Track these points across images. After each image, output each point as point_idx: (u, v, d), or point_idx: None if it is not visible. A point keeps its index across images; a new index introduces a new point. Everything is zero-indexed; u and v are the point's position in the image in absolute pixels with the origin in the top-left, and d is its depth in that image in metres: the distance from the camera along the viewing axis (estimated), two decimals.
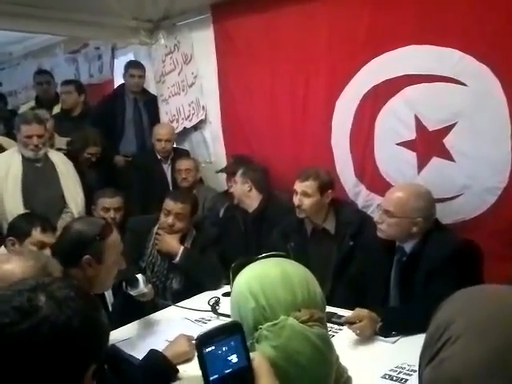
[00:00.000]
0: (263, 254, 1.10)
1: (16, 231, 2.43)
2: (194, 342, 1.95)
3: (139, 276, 2.31)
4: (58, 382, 0.75)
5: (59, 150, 3.75)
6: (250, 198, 3.21)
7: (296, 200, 2.74)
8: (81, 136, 3.79)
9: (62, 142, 3.92)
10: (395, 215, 2.23)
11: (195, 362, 0.79)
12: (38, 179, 3.21)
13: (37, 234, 2.38)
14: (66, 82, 4.57)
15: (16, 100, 5.88)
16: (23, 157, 3.21)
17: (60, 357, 0.74)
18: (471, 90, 2.56)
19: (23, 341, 0.73)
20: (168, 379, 1.76)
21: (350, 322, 2.01)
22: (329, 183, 2.77)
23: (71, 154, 3.68)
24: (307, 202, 2.71)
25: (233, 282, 1.04)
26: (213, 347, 0.77)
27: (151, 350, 1.87)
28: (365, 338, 2.01)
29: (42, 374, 0.73)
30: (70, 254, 1.76)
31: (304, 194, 2.71)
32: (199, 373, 0.78)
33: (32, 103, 4.64)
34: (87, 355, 0.79)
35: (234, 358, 0.78)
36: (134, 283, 2.27)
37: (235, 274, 1.04)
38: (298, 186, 2.74)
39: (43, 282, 0.82)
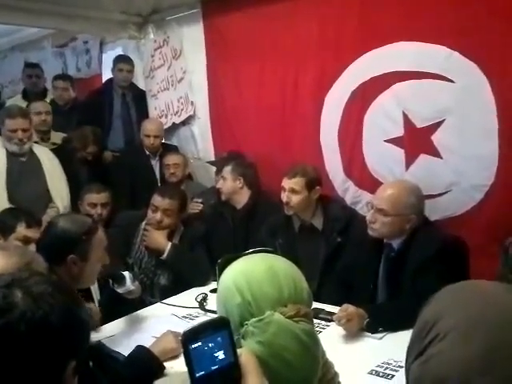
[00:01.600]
0: (250, 250, 1.09)
1: (1, 226, 2.39)
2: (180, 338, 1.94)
3: (126, 273, 2.30)
4: (37, 379, 0.73)
5: (54, 144, 3.77)
6: (240, 195, 3.19)
7: (284, 197, 2.73)
8: (80, 134, 3.76)
9: (56, 136, 3.92)
10: (389, 213, 2.23)
11: (182, 359, 0.78)
12: (22, 174, 3.16)
13: (22, 229, 2.34)
14: (62, 78, 4.56)
15: (2, 94, 5.81)
16: (7, 151, 3.17)
17: (38, 353, 0.73)
18: (459, 87, 2.57)
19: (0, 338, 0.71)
20: (154, 376, 1.75)
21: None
22: (316, 180, 2.76)
23: (67, 151, 3.65)
24: (295, 199, 2.70)
25: (219, 277, 1.03)
26: (199, 343, 0.76)
27: (138, 346, 1.85)
28: (352, 334, 2.02)
29: (20, 371, 0.71)
30: (55, 253, 1.74)
31: (292, 191, 2.70)
32: (186, 369, 0.78)
33: (19, 97, 4.58)
34: (66, 351, 0.77)
35: (220, 355, 0.77)
36: (120, 281, 2.26)
37: (222, 269, 1.04)
38: (286, 183, 2.74)
39: (20, 278, 0.80)
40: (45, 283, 0.80)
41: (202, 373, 0.75)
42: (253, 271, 0.97)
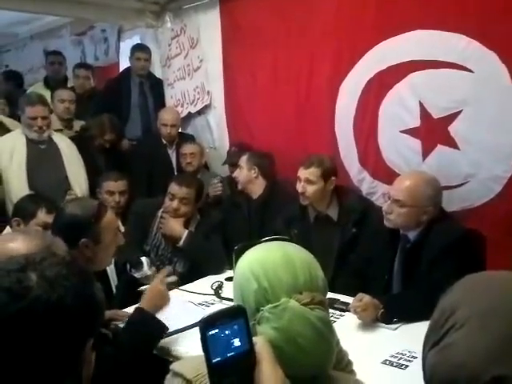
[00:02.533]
0: (266, 238, 1.10)
1: (21, 212, 2.44)
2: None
3: (143, 259, 2.34)
4: (58, 359, 0.74)
5: (77, 132, 3.84)
6: (255, 185, 3.20)
7: (299, 187, 2.73)
8: (97, 122, 3.80)
9: (79, 124, 3.98)
10: (406, 204, 2.22)
11: (199, 343, 0.79)
12: (42, 161, 3.21)
13: (42, 214, 2.39)
14: (84, 66, 4.60)
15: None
16: (27, 138, 3.22)
17: (57, 335, 0.74)
18: (478, 77, 2.53)
19: (16, 323, 0.71)
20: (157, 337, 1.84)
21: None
22: (332, 170, 2.75)
23: (84, 139, 3.70)
24: (310, 189, 2.70)
25: (235, 264, 1.05)
26: (216, 330, 0.78)
27: (136, 308, 1.90)
28: (366, 324, 2.03)
29: (40, 353, 0.72)
30: (67, 238, 1.76)
31: (307, 181, 2.70)
32: (202, 353, 0.79)
33: (40, 84, 4.63)
34: (84, 331, 0.78)
35: (236, 342, 0.79)
36: (138, 266, 2.29)
37: (238, 256, 1.05)
38: (302, 173, 2.73)
39: (33, 260, 0.79)
40: (58, 265, 0.80)
41: (218, 359, 0.78)
42: (269, 258, 0.98)
